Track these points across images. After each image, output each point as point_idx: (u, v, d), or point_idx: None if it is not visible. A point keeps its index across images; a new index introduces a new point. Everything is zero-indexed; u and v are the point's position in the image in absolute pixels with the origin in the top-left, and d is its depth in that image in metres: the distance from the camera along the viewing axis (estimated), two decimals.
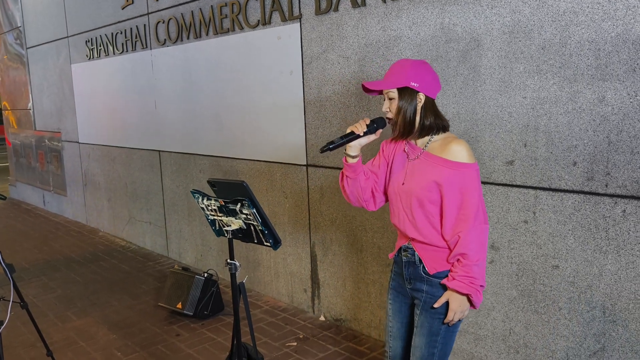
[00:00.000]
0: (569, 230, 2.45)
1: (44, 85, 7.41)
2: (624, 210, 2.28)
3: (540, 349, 2.63)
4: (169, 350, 3.40)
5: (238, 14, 3.99)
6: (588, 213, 2.38)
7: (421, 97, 1.90)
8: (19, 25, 7.81)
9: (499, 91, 2.60)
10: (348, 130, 1.93)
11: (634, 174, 2.23)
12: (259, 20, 3.84)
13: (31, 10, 7.40)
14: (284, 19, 3.64)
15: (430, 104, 1.92)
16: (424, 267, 1.95)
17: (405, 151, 2.00)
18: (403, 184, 1.95)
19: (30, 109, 7.99)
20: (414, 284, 1.99)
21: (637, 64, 2.17)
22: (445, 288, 1.91)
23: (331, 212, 3.56)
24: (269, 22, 3.77)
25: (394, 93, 1.91)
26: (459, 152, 1.84)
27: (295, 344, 3.42)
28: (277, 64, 3.77)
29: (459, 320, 1.92)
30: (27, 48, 7.71)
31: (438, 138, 1.93)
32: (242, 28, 4.00)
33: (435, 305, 1.89)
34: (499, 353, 2.79)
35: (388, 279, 2.18)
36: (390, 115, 1.93)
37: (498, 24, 2.56)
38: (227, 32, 4.14)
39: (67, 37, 6.53)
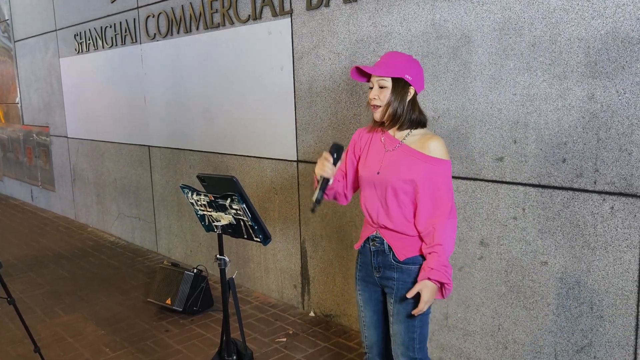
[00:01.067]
0: (558, 226, 2.46)
1: (32, 79, 7.33)
2: (612, 207, 2.29)
3: (528, 345, 2.65)
4: (158, 346, 3.38)
5: (229, 8, 3.97)
6: (577, 210, 2.40)
7: (411, 91, 1.96)
8: (6, 18, 7.71)
9: (489, 88, 2.60)
10: (317, 176, 1.98)
11: (622, 171, 2.25)
12: (249, 15, 3.82)
13: (19, 2, 7.31)
14: (275, 14, 3.62)
15: (416, 100, 2.00)
16: (393, 254, 2.01)
17: (382, 141, 2.04)
18: (378, 173, 1.99)
19: (18, 103, 7.91)
20: (383, 272, 2.04)
21: (626, 62, 2.19)
22: (414, 276, 1.98)
23: (321, 208, 3.56)
24: (260, 17, 3.75)
25: (388, 82, 1.94)
26: (437, 149, 1.92)
27: (285, 339, 3.42)
28: (267, 60, 3.76)
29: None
30: (14, 41, 7.62)
31: (416, 133, 2.00)
32: (232, 23, 3.98)
33: (408, 296, 1.92)
34: (487, 348, 2.80)
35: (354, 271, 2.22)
36: (377, 102, 1.96)
37: (489, 20, 2.57)
38: (217, 26, 4.12)
39: (56, 30, 6.46)
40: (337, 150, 1.98)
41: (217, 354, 2.38)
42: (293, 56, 3.56)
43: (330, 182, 1.98)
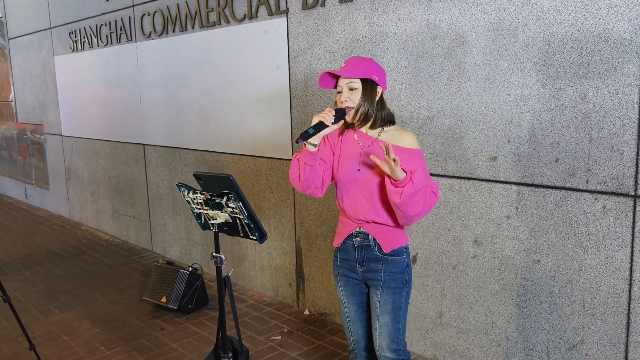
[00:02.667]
0: (551, 225, 2.49)
1: (26, 77, 7.30)
2: (604, 206, 2.32)
3: (521, 342, 2.67)
4: (153, 345, 3.39)
5: (224, 7, 3.97)
6: (569, 209, 2.42)
7: (379, 90, 2.05)
8: (0, 15, 7.68)
9: (484, 88, 2.63)
10: (315, 120, 1.96)
11: (614, 171, 2.27)
12: (245, 14, 3.83)
13: (14, 0, 7.28)
14: (271, 13, 3.63)
15: (383, 98, 2.08)
16: (379, 247, 2.07)
17: (355, 139, 2.09)
18: (359, 170, 2.05)
19: (12, 101, 7.88)
20: (367, 266, 2.10)
21: (619, 63, 2.21)
22: (400, 267, 2.06)
23: (316, 206, 3.58)
24: (256, 16, 3.76)
25: (357, 84, 2.02)
26: (411, 141, 2.04)
27: (279, 337, 3.44)
28: (263, 59, 3.77)
29: (409, 288, 2.10)
30: (8, 39, 7.59)
31: (389, 129, 2.09)
32: (228, 22, 3.99)
33: (373, 154, 1.91)
34: (481, 346, 2.83)
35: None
36: (350, 104, 2.02)
37: (483, 21, 2.59)
38: (213, 25, 4.13)
39: (50, 28, 6.44)
40: (340, 112, 1.99)
41: (213, 351, 2.39)
42: (289, 55, 3.57)
43: (327, 130, 1.96)
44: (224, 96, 4.17)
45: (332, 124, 1.97)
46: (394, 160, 1.81)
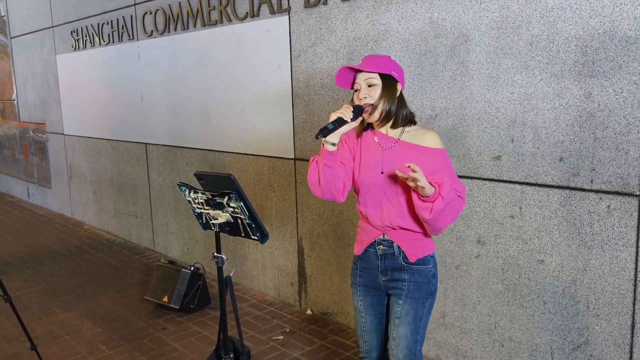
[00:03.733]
0: (555, 225, 2.47)
1: (28, 76, 7.30)
2: (609, 206, 2.30)
3: (524, 343, 2.65)
4: (155, 344, 3.38)
5: (226, 5, 3.96)
6: (573, 208, 2.40)
7: (399, 87, 1.96)
8: (2, 14, 7.68)
9: (487, 86, 2.61)
10: (334, 116, 1.86)
11: (618, 170, 2.25)
12: (247, 13, 3.81)
13: None
14: (273, 12, 3.62)
15: (402, 96, 1.99)
16: (404, 256, 1.97)
17: (376, 141, 1.99)
18: (382, 172, 1.93)
19: (14, 100, 7.88)
20: (391, 275, 2.00)
21: (624, 61, 2.19)
22: (425, 276, 1.98)
23: (318, 206, 3.56)
24: (258, 15, 3.74)
25: (377, 80, 1.92)
26: (435, 140, 1.95)
27: (282, 337, 3.42)
28: (265, 57, 3.75)
29: (433, 299, 2.02)
30: (10, 38, 7.59)
31: (411, 129, 1.98)
32: (230, 20, 3.97)
33: (404, 168, 1.77)
34: (484, 346, 2.81)
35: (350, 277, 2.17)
36: (370, 100, 1.92)
37: (486, 19, 2.57)
38: (215, 24, 4.11)
39: (52, 27, 6.44)
40: (358, 109, 1.89)
41: (214, 352, 2.38)
42: (291, 54, 3.55)
43: (346, 127, 1.86)
44: (225, 95, 4.15)
45: (351, 120, 1.86)
46: (417, 179, 1.72)
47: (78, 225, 6.49)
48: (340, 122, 1.85)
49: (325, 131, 1.82)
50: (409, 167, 1.74)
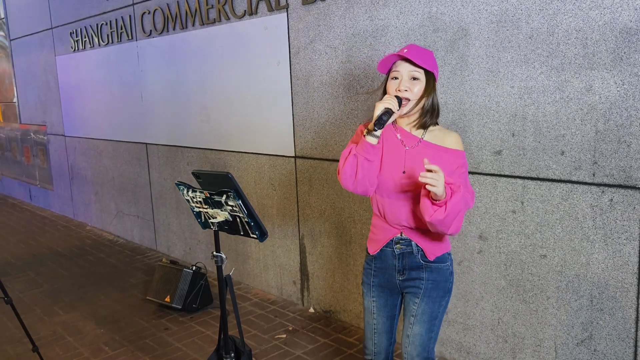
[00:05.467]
0: (557, 219, 2.45)
1: (29, 78, 7.30)
2: (611, 199, 2.28)
3: (528, 338, 2.64)
4: (158, 344, 3.37)
5: (224, 4, 3.94)
6: (576, 202, 2.38)
7: (436, 87, 1.91)
8: (2, 16, 7.68)
9: (487, 81, 2.58)
10: (380, 107, 1.77)
11: (620, 163, 2.23)
12: (245, 11, 3.80)
13: (15, 1, 7.28)
14: (271, 9, 3.60)
15: (436, 97, 1.93)
16: (422, 254, 1.94)
17: (398, 139, 1.93)
18: (404, 172, 1.88)
19: (15, 102, 7.88)
20: (408, 274, 1.97)
21: (624, 53, 2.17)
22: (444, 275, 1.96)
23: (320, 203, 3.55)
24: (256, 12, 3.73)
25: (421, 74, 1.86)
26: (456, 141, 1.91)
27: (284, 336, 3.41)
28: (264, 55, 3.73)
29: (449, 296, 1.99)
30: (10, 40, 7.59)
31: (434, 129, 1.94)
32: (228, 18, 3.96)
33: (428, 165, 1.70)
34: (487, 342, 2.79)
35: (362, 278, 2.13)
36: (409, 95, 1.84)
37: (486, 12, 2.55)
38: (213, 22, 4.09)
39: (51, 28, 6.43)
40: (399, 100, 1.82)
41: (215, 351, 2.37)
42: (289, 51, 3.53)
43: (392, 118, 1.80)
44: (225, 94, 4.14)
45: (397, 111, 1.80)
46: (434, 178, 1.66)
47: (80, 226, 6.49)
48: (390, 113, 1.77)
49: (382, 123, 1.75)
50: (429, 170, 1.67)
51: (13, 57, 7.63)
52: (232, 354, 2.29)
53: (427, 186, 1.69)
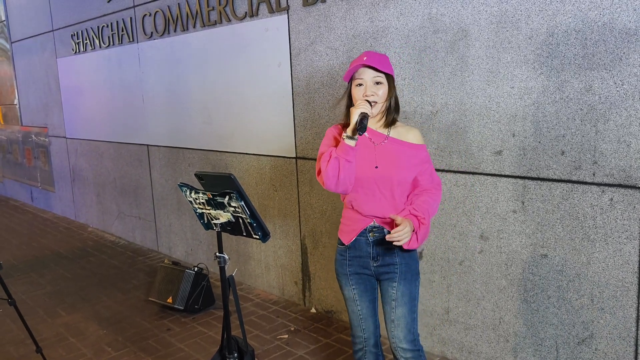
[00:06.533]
0: (557, 219, 2.46)
1: (30, 80, 7.32)
2: (612, 199, 2.29)
3: (529, 337, 2.65)
4: (160, 345, 3.39)
5: (225, 6, 3.96)
6: (576, 202, 2.39)
7: (394, 87, 2.07)
8: (3, 19, 7.70)
9: (487, 81, 2.60)
10: (357, 112, 1.91)
11: (620, 163, 2.24)
12: (246, 12, 3.81)
13: (16, 3, 7.29)
14: (272, 11, 3.61)
15: (397, 96, 2.11)
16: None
17: (366, 136, 2.07)
18: (377, 167, 2.02)
19: (16, 105, 7.90)
20: (382, 260, 2.09)
21: (624, 53, 2.18)
22: (414, 257, 2.11)
23: (321, 204, 3.56)
24: (257, 14, 3.74)
25: (384, 78, 2.02)
26: (419, 137, 2.11)
27: (286, 336, 3.43)
28: (265, 57, 3.75)
29: (419, 281, 2.14)
30: (11, 42, 7.61)
31: (396, 126, 2.11)
32: (229, 20, 3.97)
33: (389, 236, 1.94)
34: (489, 342, 2.81)
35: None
36: (376, 98, 2.00)
37: (485, 14, 2.56)
38: (214, 24, 4.11)
39: (52, 30, 6.45)
40: (364, 117, 1.93)
41: (218, 352, 2.38)
42: (290, 53, 3.55)
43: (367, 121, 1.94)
44: (226, 95, 4.15)
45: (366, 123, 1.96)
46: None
47: (82, 227, 6.50)
48: (367, 116, 1.93)
49: (364, 126, 1.89)
50: (397, 224, 1.93)
51: (14, 59, 7.65)
52: (235, 354, 2.31)
53: (394, 243, 1.92)
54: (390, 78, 2.04)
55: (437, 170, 2.84)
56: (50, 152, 7.16)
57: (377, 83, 2.01)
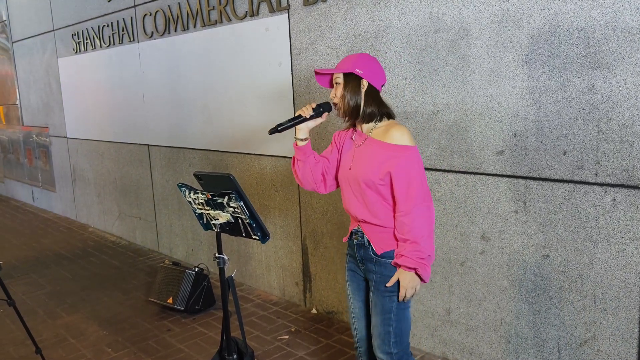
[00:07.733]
0: (559, 219, 2.44)
1: (31, 80, 7.32)
2: (614, 199, 2.27)
3: (531, 339, 2.63)
4: (160, 346, 3.37)
5: (225, 5, 3.94)
6: (578, 202, 2.38)
7: (364, 84, 2.00)
8: (4, 19, 7.70)
9: (489, 81, 2.58)
10: (296, 114, 2.07)
11: (623, 163, 2.23)
12: (246, 12, 3.80)
13: (16, 3, 7.29)
14: (272, 10, 3.60)
15: (374, 93, 2.02)
16: (372, 248, 2.04)
17: (352, 138, 2.10)
18: (350, 169, 2.05)
19: (17, 104, 7.90)
20: (365, 265, 2.08)
21: (627, 52, 2.16)
22: (395, 268, 1.99)
23: (322, 204, 3.55)
24: (257, 14, 3.73)
25: (341, 79, 2.01)
26: (400, 136, 1.93)
27: (287, 337, 3.41)
28: (265, 56, 3.73)
29: (411, 296, 1.99)
30: (12, 42, 7.61)
31: (381, 125, 2.03)
32: (229, 20, 3.96)
33: (388, 285, 1.97)
34: (490, 343, 2.79)
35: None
36: (335, 100, 2.03)
37: (487, 12, 2.54)
38: (214, 24, 4.10)
39: (53, 30, 6.45)
40: (324, 106, 2.08)
41: (218, 353, 2.37)
42: (291, 52, 3.53)
43: (310, 123, 2.09)
44: (226, 95, 4.14)
45: (311, 116, 2.05)
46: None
47: (82, 228, 6.50)
48: (296, 118, 2.05)
49: (278, 127, 2.02)
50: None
51: (15, 59, 7.65)
52: (235, 356, 2.29)
53: (405, 298, 1.96)
54: (349, 76, 1.99)
55: (438, 170, 2.82)
56: (51, 152, 7.16)
57: (337, 83, 2.03)
